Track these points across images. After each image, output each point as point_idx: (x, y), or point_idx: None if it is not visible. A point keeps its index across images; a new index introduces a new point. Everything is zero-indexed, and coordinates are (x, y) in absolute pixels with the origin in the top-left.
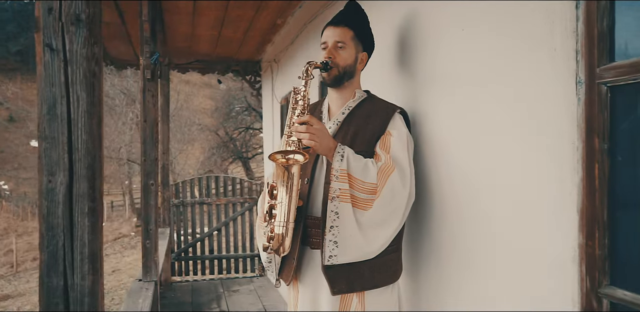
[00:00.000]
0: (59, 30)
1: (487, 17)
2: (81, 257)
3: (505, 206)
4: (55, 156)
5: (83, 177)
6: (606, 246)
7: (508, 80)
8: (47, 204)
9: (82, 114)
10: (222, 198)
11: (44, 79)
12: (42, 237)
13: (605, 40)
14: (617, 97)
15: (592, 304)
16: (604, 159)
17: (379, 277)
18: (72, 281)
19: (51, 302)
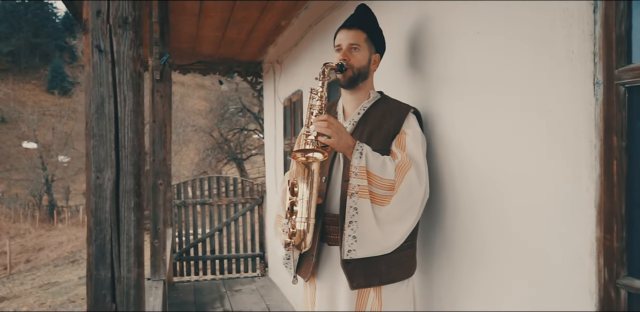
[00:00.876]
0: (107, 32)
1: (502, 20)
2: (127, 250)
3: (521, 203)
4: (103, 153)
5: (129, 174)
6: (624, 238)
7: (524, 81)
8: (95, 200)
9: (129, 112)
10: (223, 198)
11: (92, 79)
12: (90, 231)
13: (623, 43)
14: (634, 97)
15: (610, 295)
16: (622, 156)
17: (395, 272)
18: (119, 274)
19: (99, 294)
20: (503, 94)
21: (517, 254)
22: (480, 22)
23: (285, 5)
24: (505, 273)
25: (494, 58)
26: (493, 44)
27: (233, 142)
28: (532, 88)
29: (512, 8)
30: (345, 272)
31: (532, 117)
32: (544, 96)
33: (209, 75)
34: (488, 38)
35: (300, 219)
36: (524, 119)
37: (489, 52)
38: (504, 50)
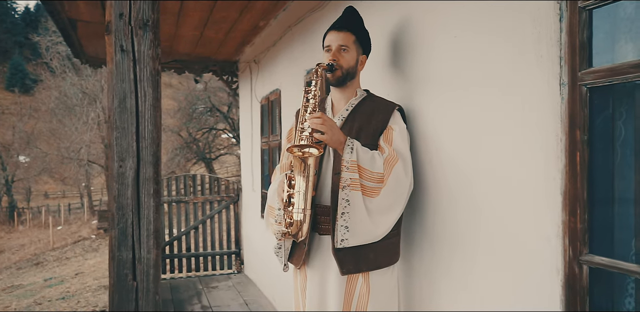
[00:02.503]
0: (128, 33)
1: (479, 26)
2: (147, 233)
3: (495, 191)
4: (125, 144)
5: (149, 163)
6: (586, 220)
7: (498, 81)
8: (118, 187)
9: (149, 107)
10: (199, 196)
11: (115, 76)
12: (113, 216)
13: (585, 49)
14: (595, 96)
15: (574, 271)
16: (584, 148)
17: (381, 259)
18: (139, 255)
19: (121, 273)
20: (478, 93)
21: (491, 238)
22: (459, 26)
23: (265, 6)
24: (480, 256)
25: (471, 60)
26: (470, 47)
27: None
28: (505, 87)
29: (487, 15)
30: (336, 259)
31: (505, 114)
32: (516, 95)
33: (184, 74)
34: (465, 41)
35: (297, 210)
36: (498, 115)
37: (466, 54)
38: (480, 53)
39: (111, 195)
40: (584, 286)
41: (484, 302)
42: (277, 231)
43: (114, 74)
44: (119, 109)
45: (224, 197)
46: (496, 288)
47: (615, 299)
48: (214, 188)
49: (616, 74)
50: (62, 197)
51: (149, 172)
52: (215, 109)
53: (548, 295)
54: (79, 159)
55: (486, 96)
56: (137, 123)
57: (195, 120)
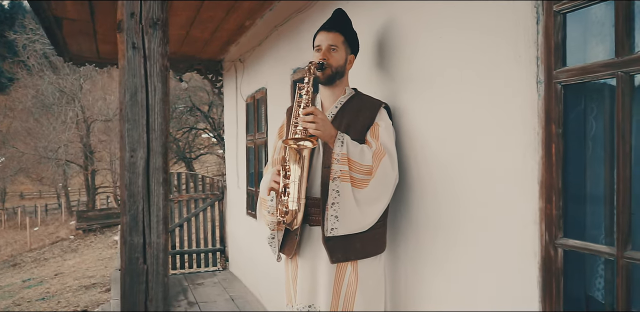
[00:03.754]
0: (139, 31)
1: (461, 28)
2: (157, 219)
3: (476, 182)
4: (135, 135)
5: (158, 153)
6: (561, 207)
7: (480, 80)
8: (129, 176)
9: (158, 101)
10: (183, 194)
11: (127, 72)
12: (124, 203)
13: (559, 49)
14: (568, 93)
15: (550, 253)
16: (559, 141)
17: (369, 248)
18: (149, 239)
19: (133, 257)
20: (461, 91)
21: (473, 227)
22: (442, 27)
23: (251, 6)
24: (463, 244)
25: (453, 59)
26: (452, 47)
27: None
28: (486, 85)
29: (469, 17)
30: (326, 248)
31: (486, 110)
32: (496, 92)
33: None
34: (448, 42)
35: (292, 199)
36: (480, 111)
37: (449, 54)
38: (462, 53)
39: (122, 183)
40: (558, 268)
41: (466, 288)
42: (270, 221)
43: (125, 69)
44: (130, 103)
45: (209, 195)
46: (478, 274)
47: (587, 280)
48: (199, 186)
49: (587, 73)
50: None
51: (158, 162)
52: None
53: (526, 277)
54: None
55: (468, 94)
56: (147, 116)
57: (176, 120)
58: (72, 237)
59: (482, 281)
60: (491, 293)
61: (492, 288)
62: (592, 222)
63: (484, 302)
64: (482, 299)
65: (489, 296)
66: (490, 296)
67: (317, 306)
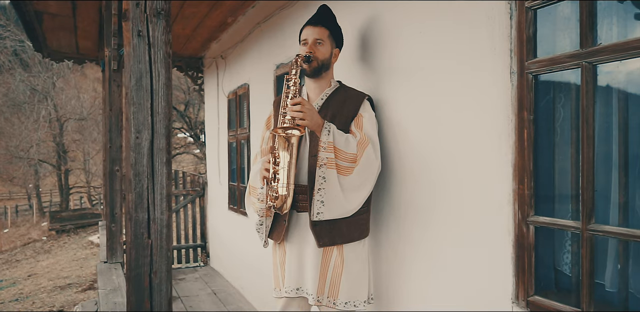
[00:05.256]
0: (144, 20)
1: (440, 22)
2: (160, 197)
3: (454, 168)
4: (141, 117)
5: (162, 135)
6: (532, 187)
7: (458, 72)
8: (135, 156)
9: (162, 85)
10: None
11: (132, 58)
12: (130, 181)
13: (531, 42)
14: (539, 82)
15: (522, 231)
16: (530, 127)
17: (354, 233)
18: (154, 215)
19: (138, 232)
20: (439, 82)
21: (452, 210)
22: (422, 22)
23: (234, 3)
24: (442, 227)
25: (433, 53)
26: (432, 41)
27: None
28: (464, 77)
29: (447, 13)
30: (313, 232)
31: (464, 100)
32: (473, 83)
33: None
34: (428, 36)
35: (282, 184)
36: (457, 101)
37: (428, 48)
38: (441, 47)
39: (128, 163)
40: (530, 243)
41: (445, 267)
42: (259, 208)
43: (131, 56)
44: (136, 87)
45: (190, 191)
46: (457, 254)
47: (556, 255)
48: (180, 182)
49: (555, 63)
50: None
51: (162, 143)
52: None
53: (501, 254)
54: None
55: (447, 85)
56: (151, 99)
57: None
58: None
59: (459, 259)
60: (468, 270)
61: (468, 265)
62: (560, 200)
63: (461, 279)
64: (459, 276)
65: (465, 272)
66: (467, 273)
67: (304, 288)
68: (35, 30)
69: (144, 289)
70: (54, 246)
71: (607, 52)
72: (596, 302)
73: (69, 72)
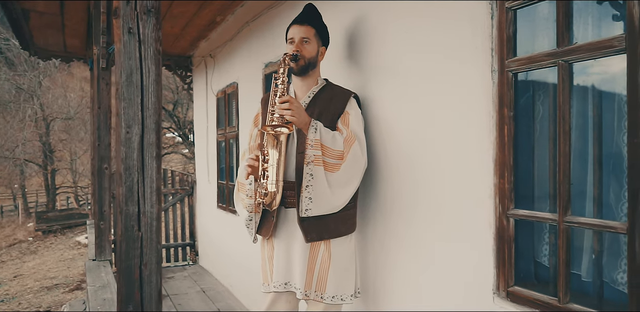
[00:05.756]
0: (135, 18)
1: (425, 22)
2: (150, 190)
3: (438, 164)
4: (131, 113)
5: (152, 130)
6: (512, 182)
7: (441, 70)
8: (125, 150)
9: (152, 82)
10: None
11: (123, 55)
12: (120, 175)
13: (511, 41)
14: (518, 80)
15: (503, 223)
16: (510, 123)
17: (341, 228)
18: (144, 209)
19: (129, 225)
20: (424, 80)
21: (436, 205)
22: (407, 22)
23: (223, 2)
24: (427, 222)
25: (417, 52)
26: (417, 41)
27: None
28: (448, 75)
29: (432, 15)
30: (301, 228)
31: (448, 97)
32: (456, 81)
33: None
34: (413, 35)
35: (271, 181)
36: (441, 99)
37: (414, 47)
38: (425, 46)
39: (118, 157)
40: (510, 236)
41: (430, 260)
42: (248, 204)
43: (122, 52)
44: (126, 83)
45: (178, 190)
46: (441, 248)
47: (535, 248)
48: (168, 181)
49: (533, 62)
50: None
51: (152, 138)
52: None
53: (482, 246)
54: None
55: (431, 83)
56: (142, 95)
57: None
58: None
59: (443, 252)
60: (452, 262)
61: (452, 258)
62: (539, 193)
63: (445, 271)
64: (443, 268)
65: (449, 265)
66: (451, 265)
67: (292, 283)
68: (22, 28)
69: (135, 281)
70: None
71: (582, 51)
72: (572, 291)
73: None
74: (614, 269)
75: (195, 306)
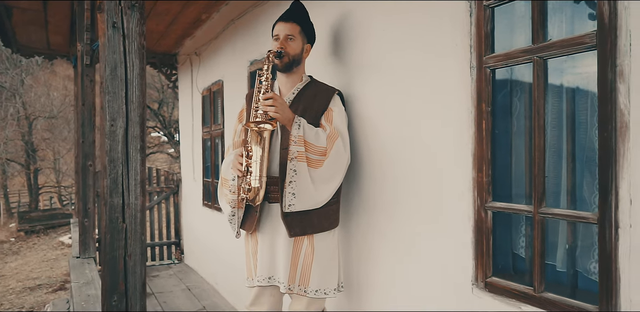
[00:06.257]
0: (119, 12)
1: (406, 20)
2: (135, 182)
3: (419, 159)
4: (116, 106)
5: (136, 123)
6: (490, 175)
7: (422, 66)
8: (110, 143)
9: (136, 75)
10: None
11: (107, 49)
12: (105, 167)
13: (489, 39)
14: (496, 76)
15: (481, 216)
16: (488, 118)
17: (324, 223)
18: (128, 200)
19: (113, 217)
20: (407, 77)
21: (418, 200)
22: (390, 20)
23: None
24: (408, 216)
25: (400, 49)
26: (399, 38)
27: None
28: (429, 71)
29: (414, 10)
30: (285, 223)
31: (429, 93)
32: (437, 77)
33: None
34: (396, 33)
35: (255, 177)
36: (422, 94)
37: (396, 44)
38: (407, 43)
39: (103, 150)
40: (488, 228)
41: (411, 254)
42: (231, 199)
43: (106, 46)
44: (111, 77)
45: (164, 188)
46: (422, 240)
47: (513, 239)
48: (154, 179)
49: (510, 58)
50: None
51: (136, 130)
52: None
53: (461, 238)
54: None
55: (414, 79)
56: (126, 89)
57: None
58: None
59: (424, 245)
60: (432, 255)
61: (433, 251)
62: (515, 186)
63: (426, 263)
64: (424, 261)
65: (430, 257)
66: (432, 257)
67: (276, 277)
68: (4, 25)
69: (119, 271)
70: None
71: (555, 48)
72: (548, 281)
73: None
74: (587, 260)
75: (181, 303)
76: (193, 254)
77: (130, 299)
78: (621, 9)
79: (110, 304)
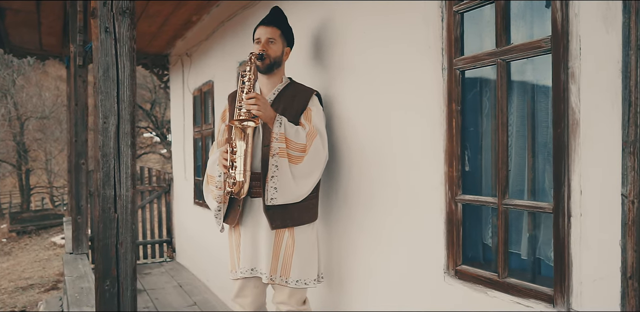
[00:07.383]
0: (111, 18)
1: (382, 23)
2: (126, 175)
3: (394, 156)
4: (108, 105)
5: (127, 121)
6: (459, 170)
7: (398, 68)
8: (102, 139)
9: (127, 76)
10: None
11: (100, 52)
12: (98, 162)
13: (458, 42)
14: (465, 77)
15: (452, 208)
16: (458, 116)
17: (304, 216)
18: (120, 192)
19: (105, 207)
20: (383, 79)
21: (394, 194)
22: (366, 24)
23: (199, 1)
24: (386, 206)
25: (377, 52)
26: (375, 41)
27: None
28: (403, 72)
29: (390, 15)
30: (266, 216)
31: (404, 93)
32: (411, 78)
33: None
34: (373, 36)
35: (239, 171)
36: (398, 95)
37: (373, 47)
38: (383, 46)
39: (96, 145)
40: (458, 219)
41: (387, 244)
42: (217, 195)
43: (99, 49)
44: (103, 78)
45: (155, 187)
46: (398, 232)
47: (482, 230)
48: (145, 178)
49: (477, 60)
50: None
51: (127, 127)
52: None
53: (434, 229)
54: None
55: (389, 81)
56: (117, 89)
57: None
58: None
59: (400, 236)
60: (408, 245)
61: (408, 241)
62: (483, 180)
63: (402, 253)
64: (400, 251)
65: (405, 247)
66: (407, 248)
67: (259, 268)
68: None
69: (111, 258)
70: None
71: (516, 51)
72: (513, 268)
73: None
74: (548, 248)
75: (172, 299)
76: (185, 252)
77: (121, 284)
78: (572, 16)
79: (104, 288)
